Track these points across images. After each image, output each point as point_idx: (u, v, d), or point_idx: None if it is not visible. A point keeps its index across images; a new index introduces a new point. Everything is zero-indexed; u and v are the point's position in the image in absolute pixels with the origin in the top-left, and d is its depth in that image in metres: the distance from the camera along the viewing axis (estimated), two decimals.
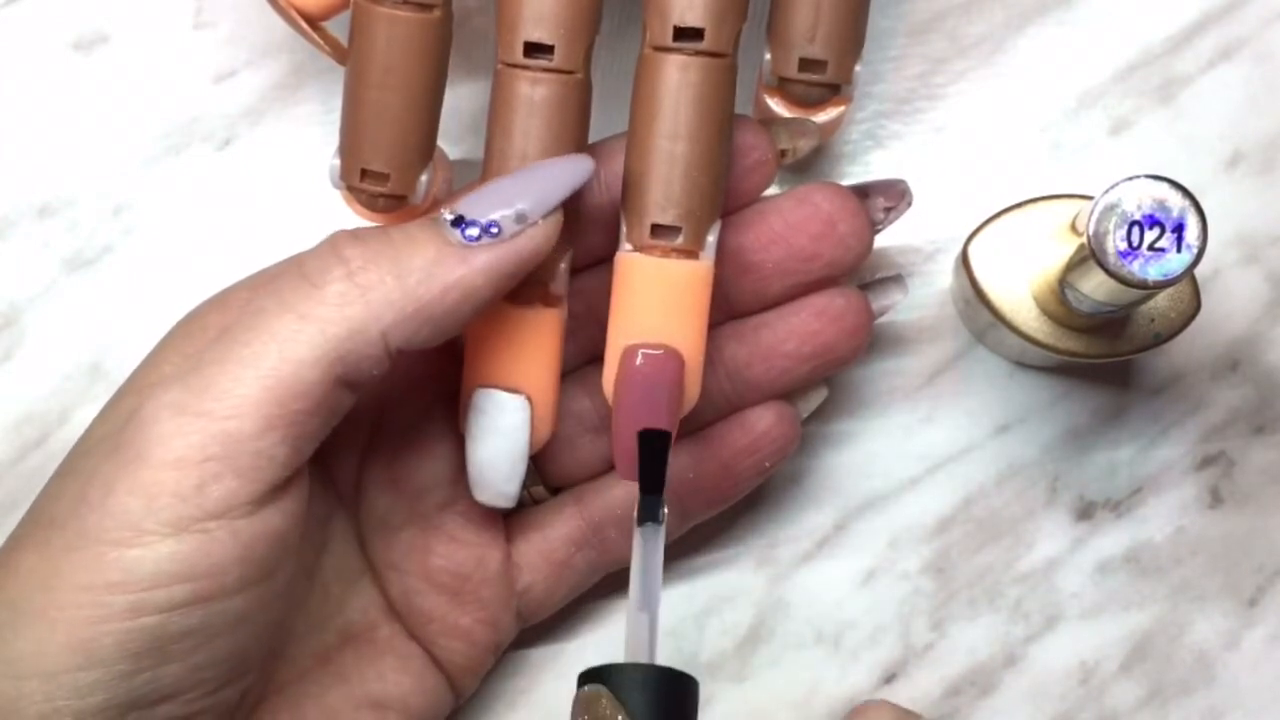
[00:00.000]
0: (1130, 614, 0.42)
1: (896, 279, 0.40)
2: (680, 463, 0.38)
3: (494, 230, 0.33)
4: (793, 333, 0.38)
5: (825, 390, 0.40)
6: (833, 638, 0.42)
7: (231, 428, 0.31)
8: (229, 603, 0.31)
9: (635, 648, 0.33)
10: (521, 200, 0.33)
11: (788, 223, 0.37)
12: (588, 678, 0.32)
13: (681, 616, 0.42)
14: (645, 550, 0.34)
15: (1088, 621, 0.42)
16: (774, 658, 0.42)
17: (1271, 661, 0.41)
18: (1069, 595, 0.42)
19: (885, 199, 0.39)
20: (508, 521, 0.39)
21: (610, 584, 0.41)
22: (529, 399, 0.35)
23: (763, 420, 0.38)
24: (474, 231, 0.33)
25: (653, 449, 0.34)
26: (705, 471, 0.38)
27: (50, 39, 0.43)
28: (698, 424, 0.38)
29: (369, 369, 0.32)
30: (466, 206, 0.33)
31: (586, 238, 0.36)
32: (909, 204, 0.39)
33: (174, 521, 0.31)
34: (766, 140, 0.37)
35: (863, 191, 0.38)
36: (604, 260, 0.36)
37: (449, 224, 0.33)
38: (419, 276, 0.32)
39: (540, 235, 0.33)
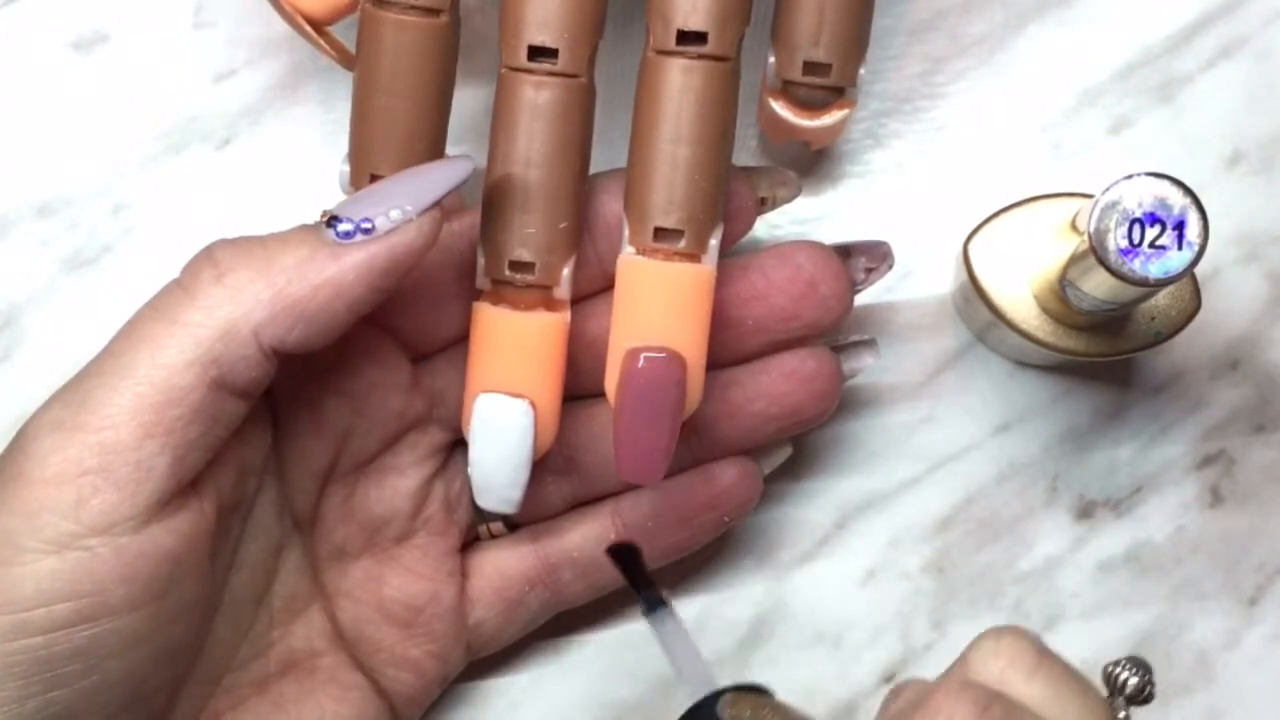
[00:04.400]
0: (1130, 613, 0.42)
1: (869, 343, 0.39)
2: (640, 511, 0.38)
3: (367, 227, 0.32)
4: (762, 392, 0.38)
5: (789, 448, 0.40)
6: (833, 637, 0.42)
7: (107, 439, 0.31)
8: (116, 623, 0.31)
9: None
10: (397, 199, 0.33)
11: (769, 281, 0.37)
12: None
13: (682, 617, 0.42)
14: (670, 635, 0.34)
15: (1088, 621, 0.42)
16: (774, 657, 0.42)
17: (1272, 660, 0.42)
18: (1069, 594, 0.42)
19: (868, 259, 0.39)
20: (463, 556, 0.39)
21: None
22: (532, 404, 0.35)
23: (726, 475, 0.38)
24: (347, 227, 0.32)
25: (629, 563, 0.35)
26: (664, 522, 0.38)
27: (50, 38, 0.43)
28: None
29: (246, 370, 0.32)
30: (342, 207, 0.33)
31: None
32: (890, 266, 0.39)
33: (55, 539, 0.30)
34: (747, 187, 0.37)
35: (845, 251, 0.38)
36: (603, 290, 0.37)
37: (323, 225, 0.33)
38: (289, 275, 0.32)
39: (414, 231, 0.33)
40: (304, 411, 0.37)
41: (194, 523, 0.33)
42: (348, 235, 0.32)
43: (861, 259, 0.38)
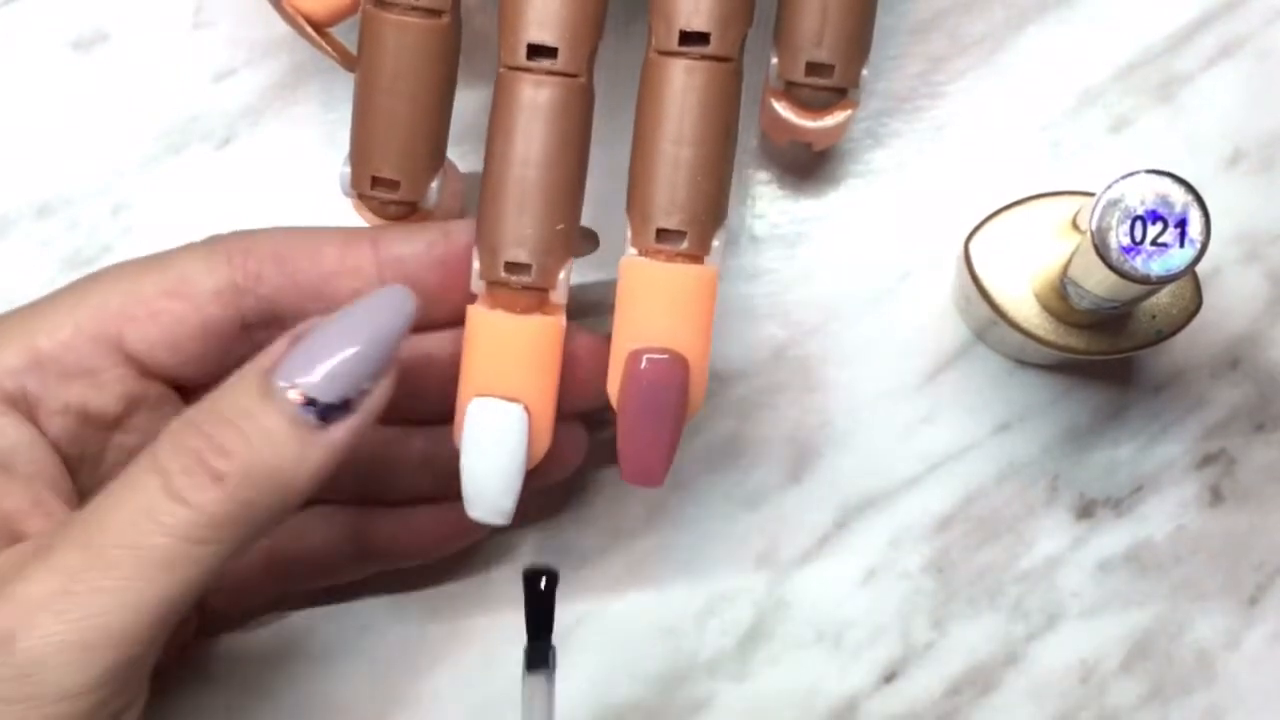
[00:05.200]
0: (1131, 612, 0.42)
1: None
2: (389, 529, 0.39)
3: (343, 407, 0.31)
4: None
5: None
6: (833, 637, 0.42)
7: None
8: None
9: None
10: (356, 362, 0.31)
11: None
12: None
13: (681, 615, 0.42)
14: (535, 700, 0.33)
15: (1088, 620, 0.42)
16: (774, 657, 0.42)
17: (1272, 660, 0.42)
18: (1069, 594, 0.42)
19: None
20: None
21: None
22: (527, 409, 0.35)
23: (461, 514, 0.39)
24: (328, 412, 0.31)
25: (538, 592, 0.34)
26: (399, 542, 0.39)
27: (50, 38, 0.43)
28: (396, 496, 0.39)
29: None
30: (299, 371, 0.31)
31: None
32: None
33: None
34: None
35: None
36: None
37: (300, 408, 0.31)
38: (290, 476, 0.31)
39: (380, 398, 0.32)
40: None
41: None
42: (328, 414, 0.31)
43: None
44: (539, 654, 0.34)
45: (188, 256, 0.35)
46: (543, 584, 0.35)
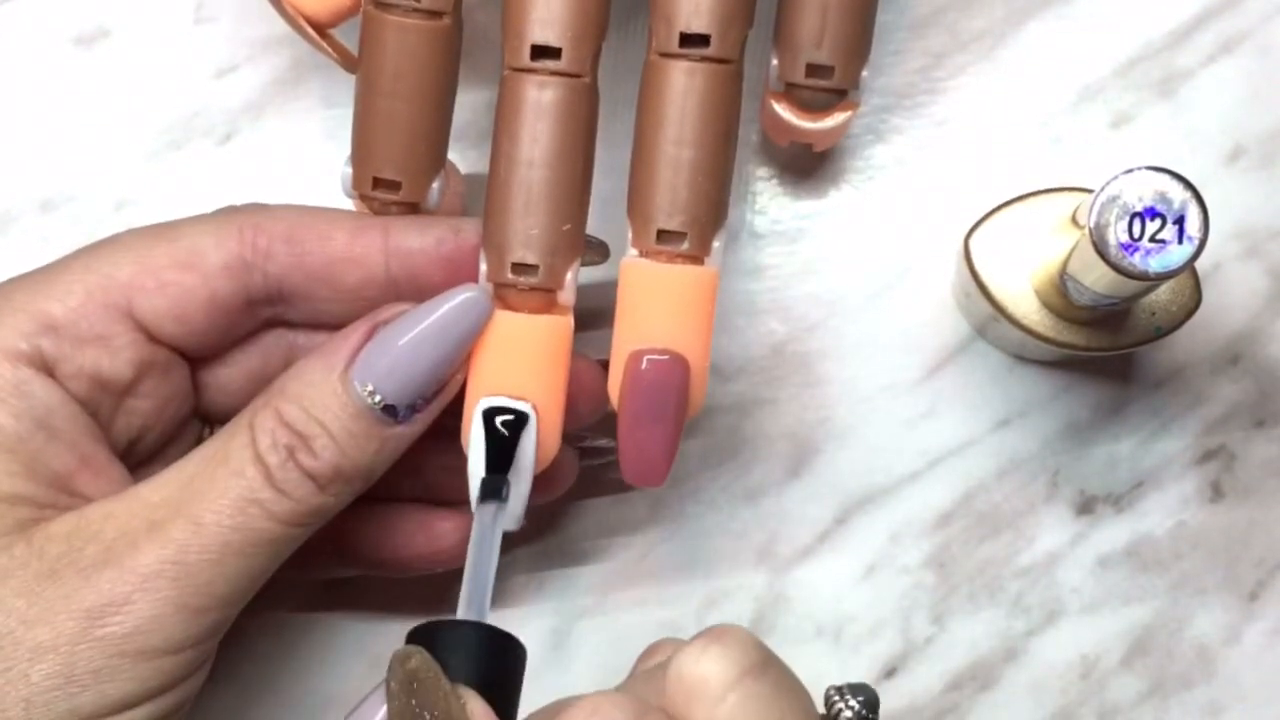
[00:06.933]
0: (1131, 608, 0.42)
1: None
2: (373, 536, 0.39)
3: (419, 406, 0.34)
4: None
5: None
6: (833, 632, 0.42)
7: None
8: None
9: (465, 608, 0.33)
10: (430, 361, 0.34)
11: None
12: (415, 635, 0.32)
13: (681, 611, 0.42)
14: (484, 528, 0.34)
15: (1088, 616, 0.42)
16: (775, 651, 0.42)
17: (1272, 655, 0.42)
18: (1070, 589, 0.42)
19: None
20: None
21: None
22: (535, 409, 0.35)
23: (444, 530, 0.39)
24: (405, 414, 0.34)
25: (497, 432, 0.35)
26: (379, 556, 0.39)
27: (52, 34, 0.43)
28: (389, 495, 0.39)
29: None
30: (373, 373, 0.33)
31: None
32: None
33: None
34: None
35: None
36: None
37: (379, 411, 0.33)
38: (368, 469, 0.34)
39: (450, 393, 0.34)
40: None
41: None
42: (407, 416, 0.34)
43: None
44: (492, 486, 0.34)
45: (199, 228, 0.36)
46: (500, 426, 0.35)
